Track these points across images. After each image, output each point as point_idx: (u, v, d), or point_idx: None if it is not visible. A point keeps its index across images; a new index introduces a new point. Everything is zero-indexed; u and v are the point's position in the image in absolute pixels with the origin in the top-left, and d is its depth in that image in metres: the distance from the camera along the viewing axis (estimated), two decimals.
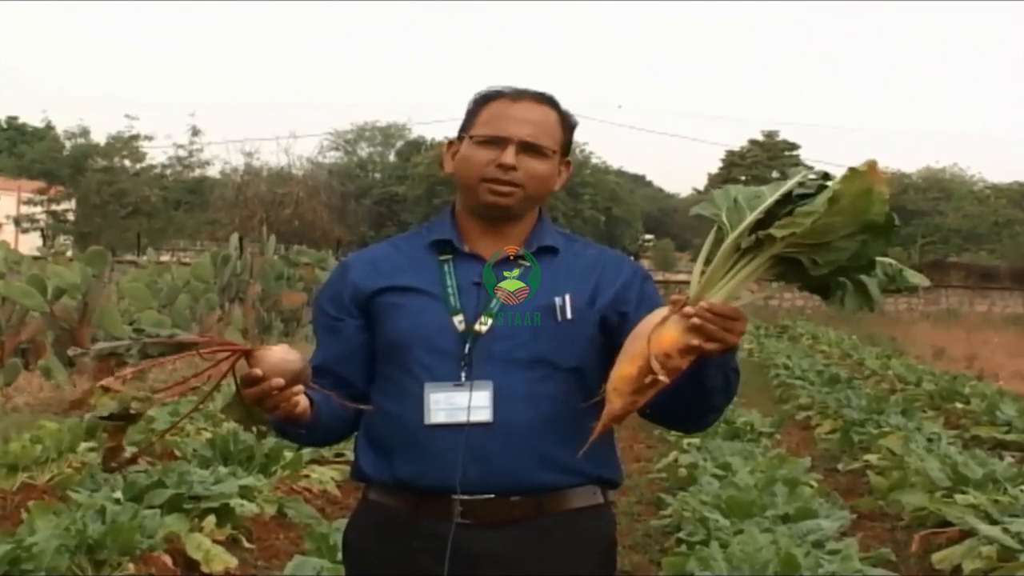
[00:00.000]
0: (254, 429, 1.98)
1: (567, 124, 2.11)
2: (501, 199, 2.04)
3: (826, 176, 1.83)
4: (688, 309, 1.79)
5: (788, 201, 1.80)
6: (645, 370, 1.79)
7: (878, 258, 1.86)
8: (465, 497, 1.96)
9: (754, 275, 1.84)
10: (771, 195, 1.81)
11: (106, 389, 1.85)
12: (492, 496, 1.97)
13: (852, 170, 1.73)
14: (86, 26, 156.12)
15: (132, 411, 1.86)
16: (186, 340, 1.88)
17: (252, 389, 1.85)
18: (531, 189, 2.05)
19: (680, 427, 2.20)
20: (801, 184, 1.81)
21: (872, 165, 1.73)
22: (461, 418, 1.97)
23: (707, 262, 1.84)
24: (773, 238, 1.78)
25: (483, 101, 2.09)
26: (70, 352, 2.62)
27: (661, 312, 1.83)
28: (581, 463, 1.98)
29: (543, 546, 2.00)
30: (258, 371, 1.84)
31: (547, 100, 2.09)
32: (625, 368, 1.81)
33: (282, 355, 1.87)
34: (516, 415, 1.98)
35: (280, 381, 1.84)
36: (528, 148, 2.03)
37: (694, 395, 1.90)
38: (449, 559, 1.96)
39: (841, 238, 1.76)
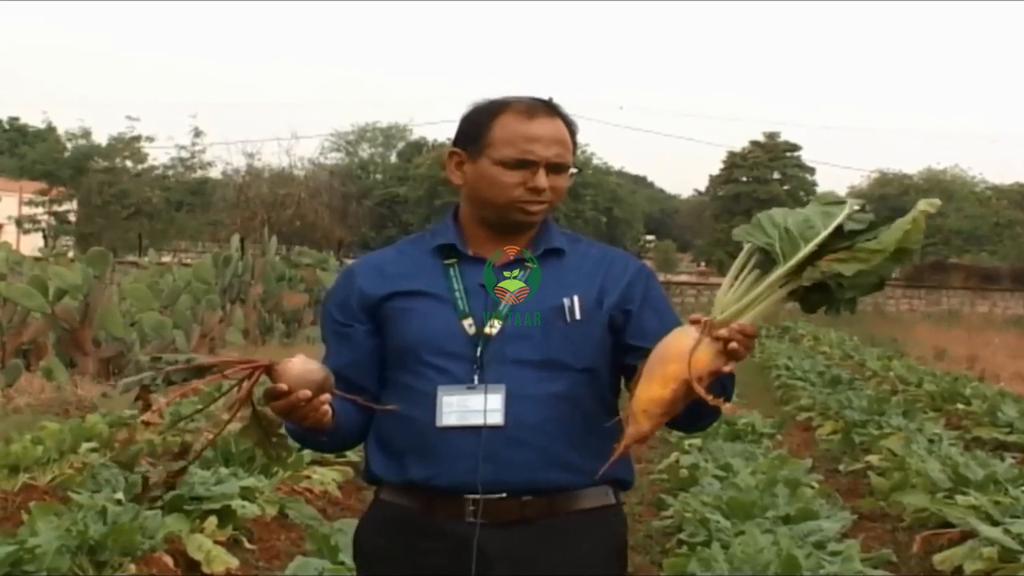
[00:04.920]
0: (272, 452, 1.98)
1: (573, 131, 2.13)
2: (532, 218, 2.07)
3: (864, 208, 1.91)
4: (723, 332, 1.82)
5: (839, 231, 1.87)
6: (679, 393, 1.82)
7: None
8: (477, 497, 1.98)
9: (778, 299, 1.89)
10: (822, 224, 1.87)
11: (147, 424, 1.87)
12: (504, 496, 1.99)
13: (921, 214, 1.85)
14: (87, 27, 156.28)
15: (183, 448, 1.90)
16: (206, 363, 1.88)
17: (279, 403, 1.86)
18: (554, 202, 2.09)
19: (679, 430, 2.21)
20: (850, 218, 1.88)
21: (936, 206, 1.86)
22: (473, 420, 1.98)
23: (736, 280, 1.89)
24: (839, 273, 1.85)
25: (492, 114, 2.08)
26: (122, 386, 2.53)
27: (690, 333, 1.85)
28: (593, 463, 1.99)
29: (555, 545, 2.01)
30: (283, 386, 1.84)
31: (557, 112, 2.11)
32: (657, 390, 1.83)
33: (304, 366, 1.87)
34: (528, 416, 1.99)
35: (307, 393, 1.85)
36: (554, 168, 2.06)
37: (693, 404, 1.90)
38: (464, 558, 1.97)
39: (879, 266, 1.86)
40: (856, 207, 1.89)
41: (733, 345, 1.81)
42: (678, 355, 1.82)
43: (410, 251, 2.16)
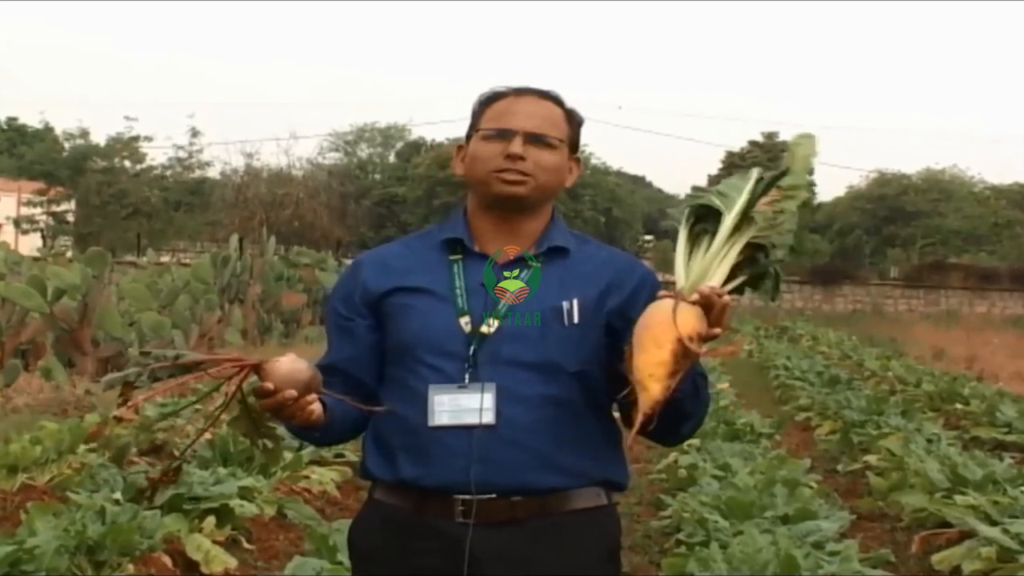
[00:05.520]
0: (260, 443, 1.99)
1: (572, 120, 2.13)
2: (513, 188, 2.04)
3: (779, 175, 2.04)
4: (704, 289, 1.82)
5: (760, 181, 2.02)
6: (678, 352, 1.80)
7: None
8: (467, 497, 1.97)
9: (734, 258, 1.91)
10: (743, 183, 2.00)
11: (119, 420, 1.87)
12: (494, 496, 1.98)
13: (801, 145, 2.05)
14: (86, 27, 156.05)
15: (161, 442, 1.89)
16: (193, 361, 1.88)
17: (266, 401, 1.87)
18: (542, 180, 2.06)
19: (659, 439, 2.10)
20: (761, 178, 2.01)
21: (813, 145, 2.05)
22: (465, 420, 1.98)
23: (688, 255, 1.93)
24: (783, 209, 1.96)
25: (487, 102, 2.11)
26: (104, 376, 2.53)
27: (666, 302, 1.84)
28: (584, 465, 1.99)
29: (547, 546, 2.01)
30: (270, 385, 1.85)
31: (550, 96, 2.12)
32: (654, 354, 1.80)
33: (291, 366, 1.87)
34: (519, 417, 1.99)
35: (293, 393, 1.86)
36: (535, 139, 2.05)
37: (667, 404, 1.85)
38: (456, 558, 1.97)
39: (791, 230, 1.99)
40: (768, 173, 2.02)
41: (727, 299, 1.81)
42: (661, 320, 1.81)
43: (416, 246, 2.15)
